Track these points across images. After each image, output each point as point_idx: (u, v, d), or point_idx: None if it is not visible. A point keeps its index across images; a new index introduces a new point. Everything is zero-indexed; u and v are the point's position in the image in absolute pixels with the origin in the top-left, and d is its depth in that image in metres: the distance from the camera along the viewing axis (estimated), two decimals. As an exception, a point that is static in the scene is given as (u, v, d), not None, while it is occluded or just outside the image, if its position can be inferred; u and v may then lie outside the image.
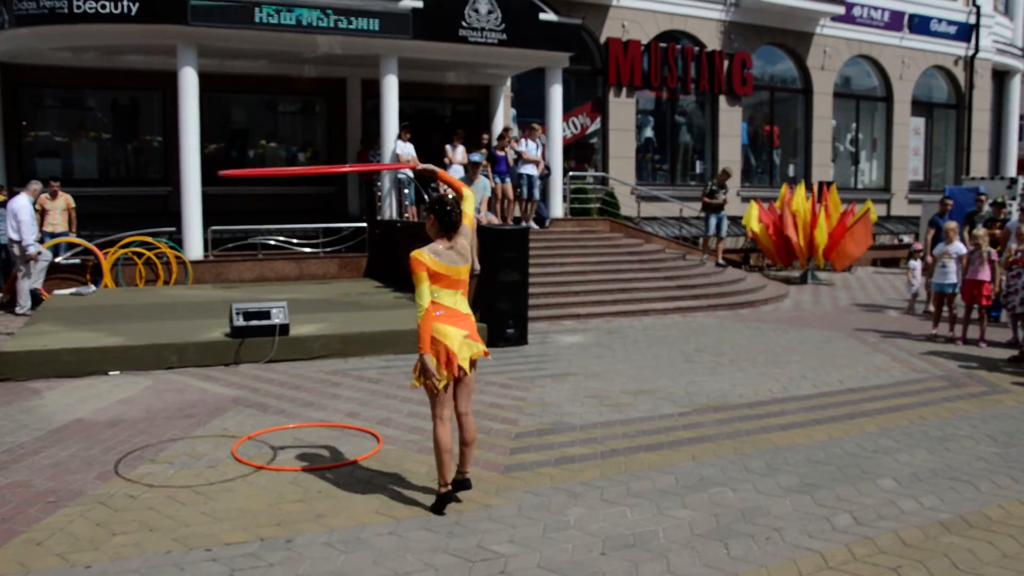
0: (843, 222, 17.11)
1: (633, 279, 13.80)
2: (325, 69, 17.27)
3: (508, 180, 14.86)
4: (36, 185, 12.70)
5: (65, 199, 13.70)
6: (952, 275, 10.66)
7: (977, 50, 26.11)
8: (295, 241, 15.54)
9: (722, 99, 21.78)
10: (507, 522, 4.60)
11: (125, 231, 13.95)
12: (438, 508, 4.74)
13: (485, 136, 16.57)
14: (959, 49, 25.98)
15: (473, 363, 4.79)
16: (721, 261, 16.32)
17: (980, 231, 10.66)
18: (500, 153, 14.76)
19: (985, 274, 10.32)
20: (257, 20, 13.41)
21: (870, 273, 19.65)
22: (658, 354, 9.58)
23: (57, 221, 13.53)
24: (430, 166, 5.18)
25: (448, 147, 15.51)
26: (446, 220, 4.72)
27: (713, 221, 16.49)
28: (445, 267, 4.64)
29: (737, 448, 6.00)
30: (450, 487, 4.78)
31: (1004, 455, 5.89)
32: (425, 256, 4.60)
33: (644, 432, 6.40)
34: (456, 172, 14.75)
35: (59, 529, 4.48)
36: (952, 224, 11.09)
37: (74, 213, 13.80)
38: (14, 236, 11.90)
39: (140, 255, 13.81)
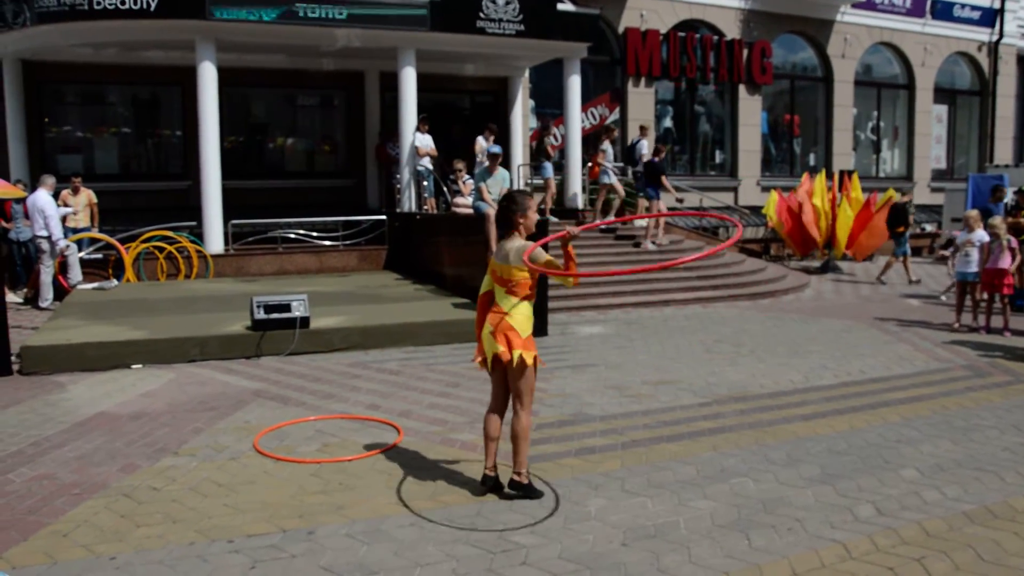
0: (865, 213, 16.98)
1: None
2: (343, 62, 17.31)
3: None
4: (51, 180, 12.72)
5: (87, 195, 13.82)
6: (974, 264, 10.53)
7: (1001, 35, 25.78)
8: (315, 234, 15.60)
9: (741, 88, 21.65)
10: (528, 513, 4.61)
11: (146, 226, 14.07)
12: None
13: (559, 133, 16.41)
14: (983, 35, 25.66)
15: (508, 363, 4.69)
16: (915, 278, 15.79)
17: (996, 219, 10.53)
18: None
19: (1005, 262, 10.19)
20: (275, 14, 13.46)
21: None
22: (678, 345, 9.55)
23: (79, 217, 13.66)
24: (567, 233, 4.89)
25: (480, 139, 15.33)
26: (499, 216, 4.92)
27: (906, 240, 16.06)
28: (493, 262, 4.84)
29: (758, 439, 5.98)
30: (487, 472, 4.91)
31: (1029, 445, 5.83)
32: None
33: (665, 423, 6.38)
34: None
35: (84, 521, 4.52)
36: (974, 212, 10.96)
37: (96, 209, 13.93)
38: (42, 232, 12.00)
39: (161, 249, 13.92)
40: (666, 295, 12.83)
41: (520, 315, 4.73)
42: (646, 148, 15.41)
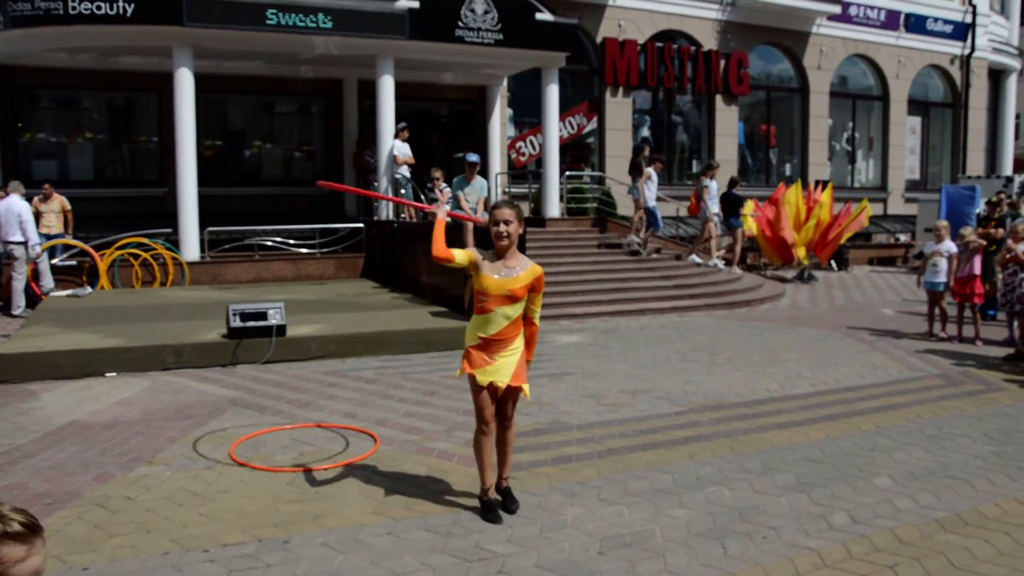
0: (838, 223, 17.42)
1: (630, 279, 13.81)
2: (321, 70, 17.28)
3: None
4: (21, 187, 12.54)
5: (60, 201, 13.67)
6: (942, 274, 10.62)
7: (973, 49, 26.16)
8: (292, 242, 15.53)
9: (719, 98, 21.81)
10: (505, 522, 4.60)
11: (121, 232, 13.95)
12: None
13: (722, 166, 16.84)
14: (955, 48, 26.03)
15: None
16: None
17: (966, 230, 10.65)
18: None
19: (975, 268, 10.31)
20: (253, 21, 13.42)
21: (867, 272, 19.67)
22: (655, 353, 9.59)
23: (52, 223, 13.51)
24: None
25: (650, 169, 14.95)
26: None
27: None
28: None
29: (734, 447, 6.01)
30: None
31: (1000, 453, 5.90)
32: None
33: (641, 431, 6.40)
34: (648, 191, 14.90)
35: (56, 531, 4.47)
36: (944, 223, 11.08)
37: (71, 215, 13.78)
38: (19, 237, 11.87)
39: (136, 256, 13.81)
40: (643, 304, 12.88)
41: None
42: (715, 187, 16.05)
